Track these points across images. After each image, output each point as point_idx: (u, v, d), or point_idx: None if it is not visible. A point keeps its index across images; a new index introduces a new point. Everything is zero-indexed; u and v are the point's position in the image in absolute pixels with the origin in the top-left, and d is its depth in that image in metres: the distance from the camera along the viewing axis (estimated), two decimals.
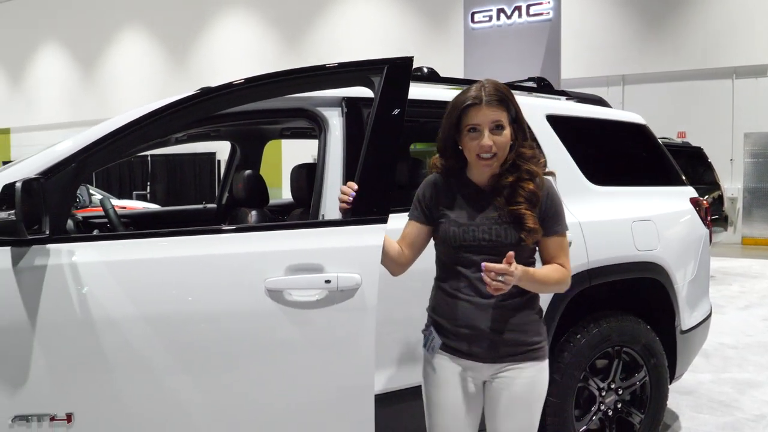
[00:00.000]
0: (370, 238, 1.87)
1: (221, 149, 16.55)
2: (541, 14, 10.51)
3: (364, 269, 1.86)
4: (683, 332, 3.08)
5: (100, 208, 3.36)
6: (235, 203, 3.57)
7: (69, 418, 1.75)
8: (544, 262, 1.89)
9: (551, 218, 1.85)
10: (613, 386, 2.85)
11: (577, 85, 12.64)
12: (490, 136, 1.75)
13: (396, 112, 1.94)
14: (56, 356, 1.76)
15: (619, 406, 2.88)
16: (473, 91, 1.79)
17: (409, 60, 2.02)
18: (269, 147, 3.90)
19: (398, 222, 1.97)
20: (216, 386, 1.85)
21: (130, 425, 1.81)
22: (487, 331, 1.81)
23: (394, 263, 1.91)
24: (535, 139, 1.90)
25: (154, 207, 12.77)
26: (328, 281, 1.83)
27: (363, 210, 1.88)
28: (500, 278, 1.64)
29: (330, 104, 2.41)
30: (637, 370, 2.90)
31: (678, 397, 3.94)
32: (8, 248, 1.78)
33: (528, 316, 1.86)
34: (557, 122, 2.91)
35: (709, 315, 3.39)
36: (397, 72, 1.99)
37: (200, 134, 3.47)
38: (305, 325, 1.86)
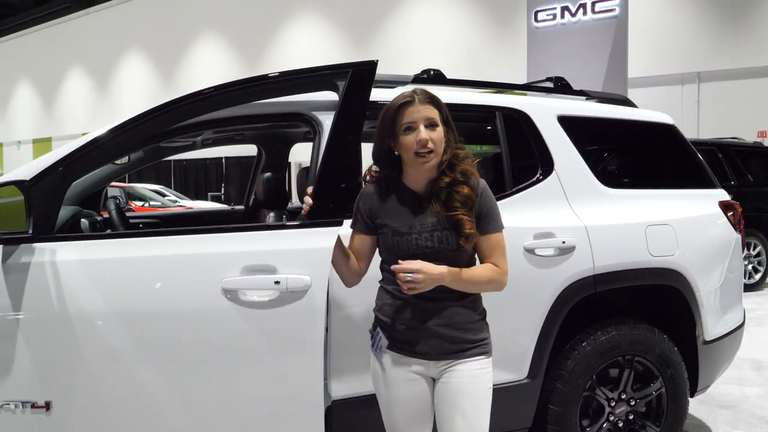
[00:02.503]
0: (322, 240, 1.89)
1: (294, 152, 16.98)
2: (607, 11, 10.18)
3: (315, 271, 1.89)
4: (706, 342, 2.92)
5: (153, 209, 3.56)
6: (259, 205, 3.68)
7: (47, 406, 1.87)
8: (481, 261, 1.93)
9: (485, 217, 1.88)
10: (624, 397, 2.74)
11: (647, 84, 12.23)
12: (426, 131, 1.79)
13: (357, 116, 1.95)
14: (36, 348, 1.89)
15: (631, 417, 2.76)
16: (406, 93, 1.85)
17: (372, 64, 2.03)
18: None
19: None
20: (178, 380, 1.93)
21: (102, 415, 1.91)
22: (431, 329, 1.85)
23: (349, 272, 1.94)
24: (459, 141, 1.90)
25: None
26: (277, 282, 1.88)
27: (319, 213, 1.91)
28: (409, 277, 1.72)
29: (325, 108, 2.43)
30: (652, 381, 2.78)
31: (716, 410, 3.74)
32: (0, 246, 1.94)
33: (470, 316, 1.90)
34: (570, 123, 2.83)
35: (741, 325, 3.19)
36: (361, 77, 2.00)
37: (224, 138, 3.60)
38: (258, 325, 1.91)
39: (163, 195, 14.25)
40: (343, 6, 17.74)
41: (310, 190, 1.96)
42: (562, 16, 10.54)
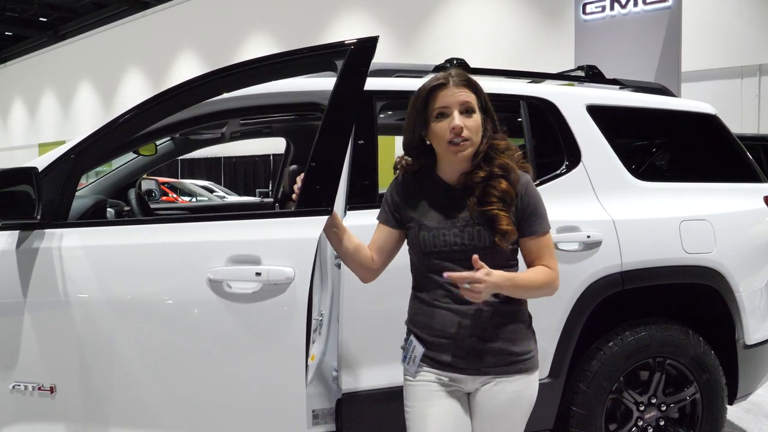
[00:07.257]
0: (308, 230, 1.80)
1: None
2: (659, 1, 9.81)
3: (298, 263, 1.81)
4: (748, 347, 2.74)
5: (183, 200, 3.62)
6: (286, 197, 3.67)
7: (52, 389, 1.90)
8: (528, 264, 1.73)
9: (530, 216, 1.69)
10: (654, 401, 2.60)
11: (703, 78, 11.74)
12: (460, 117, 1.61)
13: (351, 100, 1.86)
14: (42, 333, 1.91)
15: (662, 423, 2.62)
16: (440, 75, 1.67)
17: (372, 41, 1.90)
18: (383, 145, 3.80)
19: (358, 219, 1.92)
20: (163, 369, 1.92)
21: (102, 400, 1.92)
22: (468, 340, 1.66)
23: (363, 268, 1.79)
24: (505, 131, 1.72)
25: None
26: (258, 274, 1.81)
27: (307, 201, 1.83)
28: (466, 286, 1.52)
29: None
30: (686, 386, 2.63)
31: (763, 420, 3.52)
32: (17, 232, 1.97)
33: (514, 323, 1.70)
34: (600, 112, 2.70)
35: None
36: (358, 55, 1.88)
37: (253, 131, 3.61)
38: (239, 319, 1.86)
39: (212, 191, 14.51)
40: (389, 4, 17.71)
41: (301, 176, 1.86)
42: (612, 8, 10.19)
